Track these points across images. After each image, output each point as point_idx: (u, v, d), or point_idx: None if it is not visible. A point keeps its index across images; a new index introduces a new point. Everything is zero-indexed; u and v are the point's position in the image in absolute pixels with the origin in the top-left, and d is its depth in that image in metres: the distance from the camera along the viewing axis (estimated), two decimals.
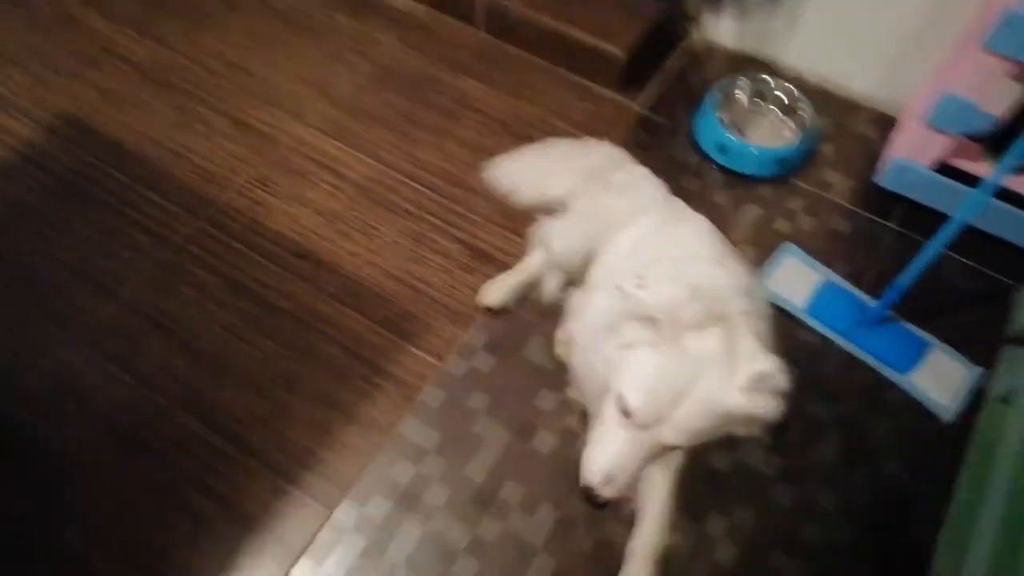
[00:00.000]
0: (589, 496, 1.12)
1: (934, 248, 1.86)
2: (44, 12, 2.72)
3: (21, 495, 1.78)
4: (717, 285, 1.24)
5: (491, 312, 2.06)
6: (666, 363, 1.05)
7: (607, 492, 1.09)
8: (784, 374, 1.07)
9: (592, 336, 1.29)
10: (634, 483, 1.11)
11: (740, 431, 1.11)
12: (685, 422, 1.05)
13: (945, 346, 2.05)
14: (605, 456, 1.10)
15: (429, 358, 2.01)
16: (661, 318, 1.05)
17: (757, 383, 1.03)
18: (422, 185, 2.33)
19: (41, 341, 2.00)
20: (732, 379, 1.03)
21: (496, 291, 2.06)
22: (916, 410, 1.97)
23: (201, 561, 1.71)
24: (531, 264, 2.09)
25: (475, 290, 2.10)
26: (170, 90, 2.53)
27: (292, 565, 1.72)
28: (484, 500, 1.79)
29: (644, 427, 1.07)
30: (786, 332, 2.10)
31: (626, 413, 1.07)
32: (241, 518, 1.77)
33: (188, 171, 2.33)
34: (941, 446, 1.92)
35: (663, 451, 1.11)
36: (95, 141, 2.39)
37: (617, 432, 1.09)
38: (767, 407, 1.05)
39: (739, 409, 1.04)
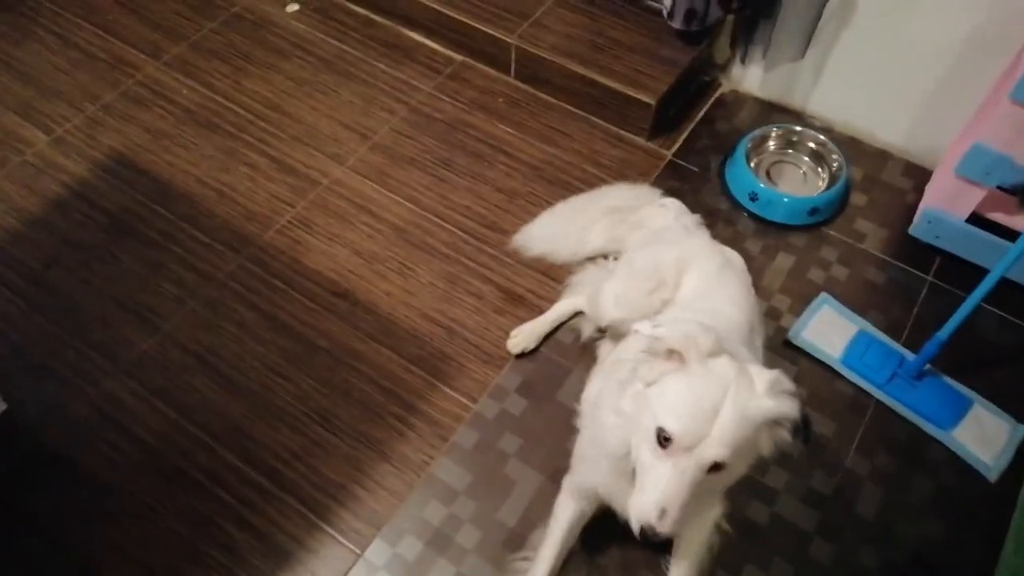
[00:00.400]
0: (646, 536, 1.14)
1: (972, 301, 1.86)
2: (97, 55, 2.84)
3: (57, 519, 1.81)
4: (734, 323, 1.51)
5: (520, 357, 2.09)
6: (695, 384, 1.15)
7: (663, 528, 1.12)
8: (788, 378, 1.21)
9: (604, 395, 1.40)
10: (685, 516, 1.14)
11: (769, 443, 1.19)
12: (723, 435, 1.12)
13: (987, 402, 2.03)
14: (656, 491, 1.13)
15: (462, 399, 2.03)
16: (683, 348, 1.17)
17: (774, 386, 1.16)
18: (457, 228, 2.37)
19: (87, 371, 2.05)
20: (753, 389, 1.15)
21: (523, 339, 2.10)
22: (958, 468, 1.94)
23: None
24: (560, 310, 2.12)
25: (507, 333, 2.13)
26: (216, 132, 2.61)
27: None
28: (516, 544, 1.78)
29: (687, 449, 1.13)
30: (823, 383, 2.09)
31: (666, 441, 1.14)
32: (274, 552, 1.78)
33: (231, 210, 2.40)
34: (985, 506, 1.89)
35: (708, 478, 1.15)
36: (143, 180, 2.47)
37: (661, 465, 1.15)
38: (790, 406, 1.16)
39: (767, 412, 1.15)
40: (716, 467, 1.15)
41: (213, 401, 2.00)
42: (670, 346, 1.19)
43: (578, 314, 2.13)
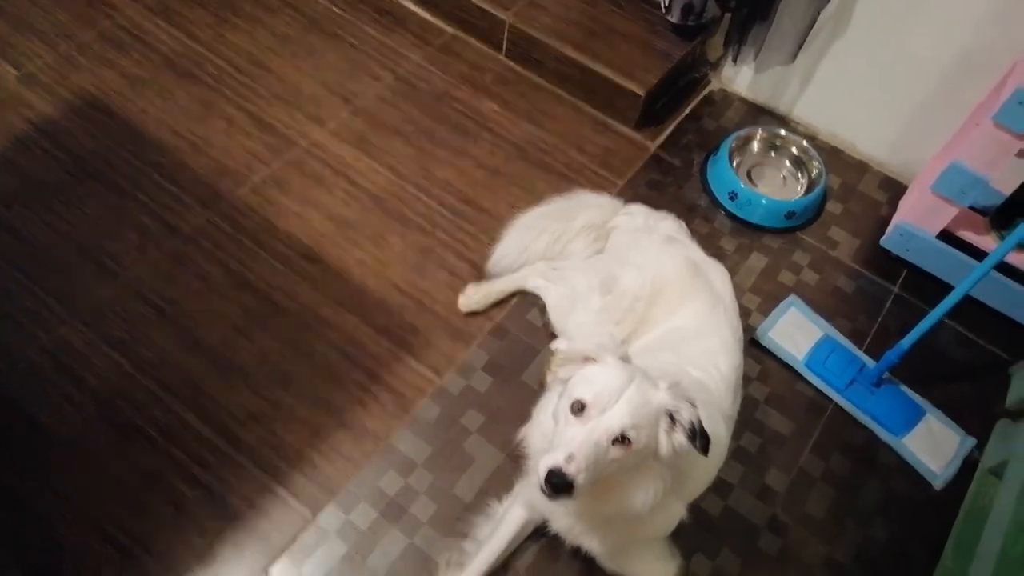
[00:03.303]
0: (552, 481, 1.23)
1: (936, 315, 1.89)
2: None
3: (2, 467, 1.76)
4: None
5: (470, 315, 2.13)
6: (606, 370, 1.34)
7: (570, 468, 1.22)
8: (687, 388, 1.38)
9: (543, 403, 1.52)
10: (593, 476, 1.25)
11: (668, 444, 1.33)
12: (627, 408, 1.27)
13: (940, 413, 2.07)
14: (566, 445, 1.25)
15: (428, 372, 2.01)
16: (596, 354, 1.37)
17: (674, 387, 1.33)
18: (435, 201, 2.35)
19: (42, 317, 1.99)
20: (656, 384, 1.33)
21: (476, 299, 2.11)
22: (907, 474, 1.99)
23: (181, 550, 1.69)
24: (517, 283, 2.13)
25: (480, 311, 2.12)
26: (194, 82, 2.55)
27: (271, 563, 1.70)
28: (470, 520, 1.78)
29: (595, 416, 1.27)
30: (785, 383, 2.11)
31: (579, 411, 1.28)
32: (225, 512, 1.75)
33: (204, 164, 2.34)
34: (930, 512, 1.94)
35: (616, 454, 1.27)
36: (114, 124, 2.40)
37: (572, 426, 1.28)
38: (686, 406, 1.31)
39: (665, 403, 1.31)
40: (622, 441, 1.27)
41: (171, 356, 1.96)
42: (585, 354, 1.38)
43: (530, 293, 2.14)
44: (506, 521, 1.72)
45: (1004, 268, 2.15)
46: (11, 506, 1.72)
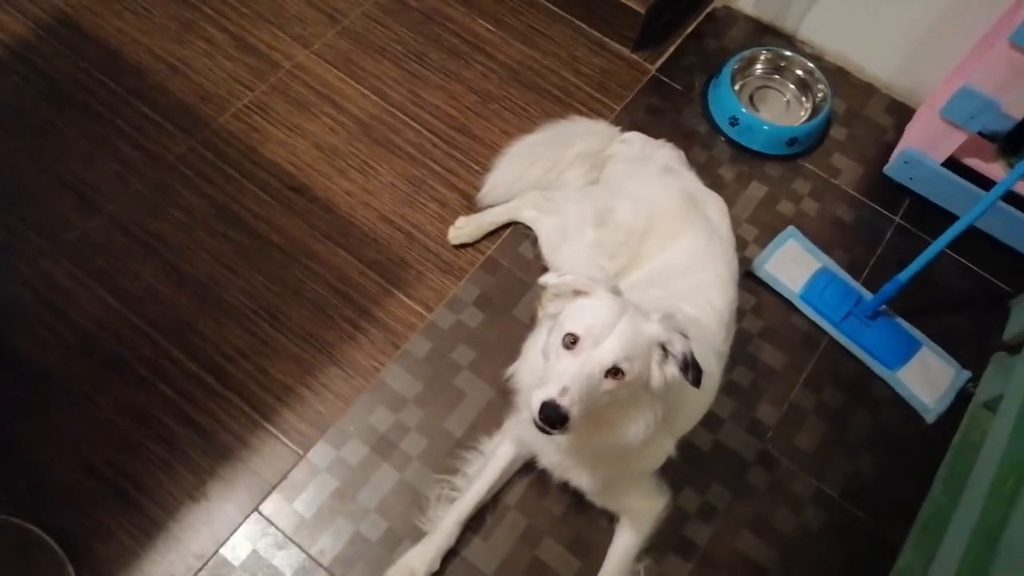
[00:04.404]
0: (546, 413, 1.21)
1: (937, 247, 1.85)
2: None
3: None
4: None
5: (460, 247, 2.09)
6: (597, 303, 1.31)
7: (564, 400, 1.21)
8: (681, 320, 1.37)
9: (533, 339, 1.49)
10: (586, 409, 1.24)
11: (660, 376, 1.31)
12: (619, 340, 1.25)
13: (935, 346, 2.06)
14: (559, 378, 1.23)
15: (418, 307, 1.98)
16: (587, 287, 1.34)
17: (666, 319, 1.31)
18: (425, 128, 2.26)
19: (22, 250, 1.94)
20: (648, 317, 1.31)
21: (467, 231, 2.07)
22: (900, 407, 1.99)
23: (171, 486, 1.70)
24: (509, 213, 2.08)
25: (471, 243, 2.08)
26: (173, 0, 2.41)
27: (263, 500, 1.71)
28: (461, 455, 1.78)
29: (587, 348, 1.25)
30: (780, 316, 2.09)
31: (571, 344, 1.26)
32: (215, 449, 1.75)
33: (185, 88, 2.25)
34: (920, 446, 1.95)
35: (609, 386, 1.26)
36: (89, 46, 2.29)
37: (565, 360, 1.26)
38: (678, 338, 1.29)
39: (657, 334, 1.29)
40: (615, 373, 1.25)
41: (157, 291, 1.93)
42: (575, 287, 1.35)
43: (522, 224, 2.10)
44: (496, 456, 1.73)
45: (1010, 198, 2.09)
46: None
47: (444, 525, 1.67)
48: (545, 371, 1.31)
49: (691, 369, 1.29)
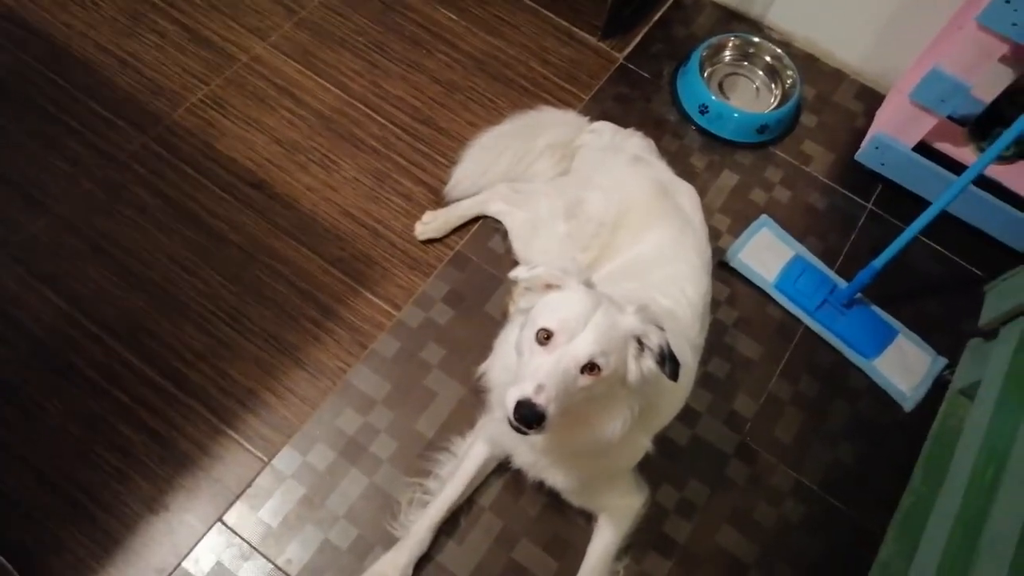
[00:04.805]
0: (521, 412, 1.16)
1: (910, 233, 1.83)
2: None
3: None
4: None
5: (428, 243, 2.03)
6: (570, 296, 1.28)
7: (540, 399, 1.16)
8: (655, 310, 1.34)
9: (505, 335, 1.46)
10: (562, 406, 1.19)
11: (636, 370, 1.28)
12: (594, 335, 1.21)
13: (911, 333, 2.04)
14: (534, 375, 1.19)
15: (385, 305, 1.92)
16: (559, 280, 1.30)
17: (642, 310, 1.27)
18: (388, 121, 2.20)
19: None
20: (623, 309, 1.27)
21: (435, 226, 2.01)
22: (877, 396, 1.97)
23: (129, 498, 1.63)
24: (478, 208, 2.03)
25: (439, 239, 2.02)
26: None
27: (227, 509, 1.64)
28: (432, 458, 1.72)
29: (561, 343, 1.21)
30: (754, 306, 2.06)
31: (545, 340, 1.22)
32: (174, 457, 1.68)
33: (136, 83, 2.16)
34: (899, 434, 1.93)
35: (585, 383, 1.21)
36: (35, 41, 2.18)
37: (539, 357, 1.22)
38: (654, 330, 1.26)
39: (633, 327, 1.26)
40: (591, 369, 1.21)
41: (110, 293, 1.84)
42: (547, 281, 1.31)
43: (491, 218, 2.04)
44: (469, 457, 1.67)
45: (982, 182, 2.08)
46: None
47: (417, 530, 1.61)
48: (519, 368, 1.26)
49: (668, 362, 1.25)
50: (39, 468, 1.63)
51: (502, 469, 1.71)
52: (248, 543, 1.61)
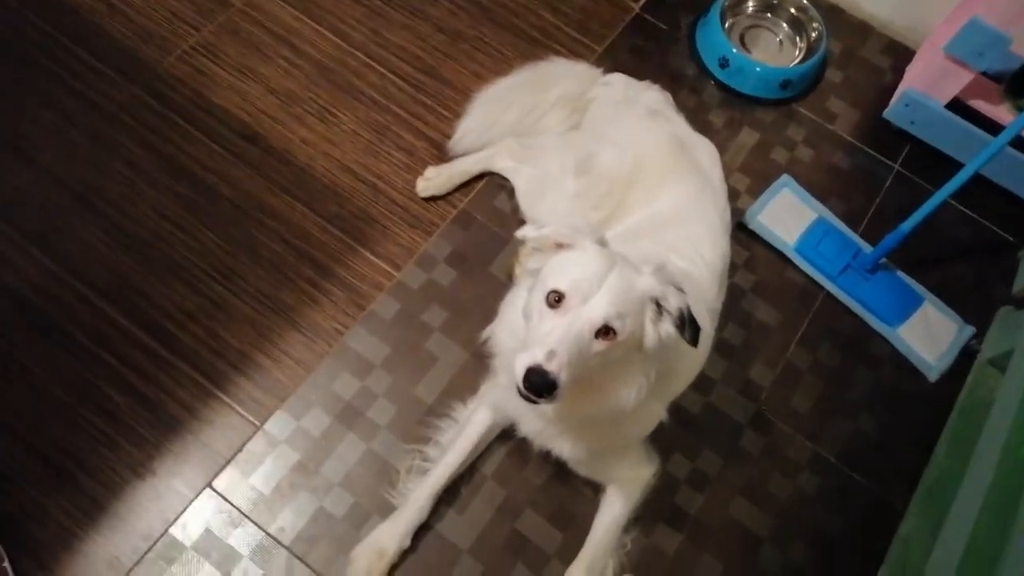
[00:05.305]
0: (531, 380, 1.09)
1: (941, 196, 1.73)
2: None
3: None
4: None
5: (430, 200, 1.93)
6: (583, 256, 1.20)
7: (552, 366, 1.09)
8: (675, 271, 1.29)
9: (511, 297, 1.37)
10: (575, 373, 1.11)
11: (654, 334, 1.20)
12: (609, 296, 1.14)
13: (938, 301, 1.94)
14: (545, 341, 1.11)
15: (384, 265, 1.83)
16: (570, 240, 1.22)
17: (660, 271, 1.20)
18: (389, 71, 2.09)
19: None
20: (639, 270, 1.20)
21: (437, 183, 1.92)
22: (900, 365, 1.88)
23: (115, 463, 1.56)
24: (482, 163, 1.93)
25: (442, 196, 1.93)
26: None
27: (216, 475, 1.57)
28: (432, 424, 1.65)
29: (574, 306, 1.13)
30: (774, 271, 1.96)
31: (556, 302, 1.14)
32: (162, 421, 1.61)
33: (124, 28, 2.05)
34: (922, 406, 1.84)
35: (600, 348, 1.14)
36: None
37: (550, 320, 1.14)
38: (673, 292, 1.18)
39: (650, 289, 1.18)
40: (606, 333, 1.14)
41: (98, 251, 1.76)
42: (557, 240, 1.23)
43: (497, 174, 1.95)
44: (471, 424, 1.60)
45: (1017, 143, 1.96)
46: None
47: (416, 498, 1.54)
48: (528, 333, 1.18)
49: (688, 326, 1.17)
50: (22, 433, 1.56)
51: (506, 436, 1.63)
52: (238, 509, 1.55)
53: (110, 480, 1.55)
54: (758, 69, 2.16)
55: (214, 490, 1.56)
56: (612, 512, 1.57)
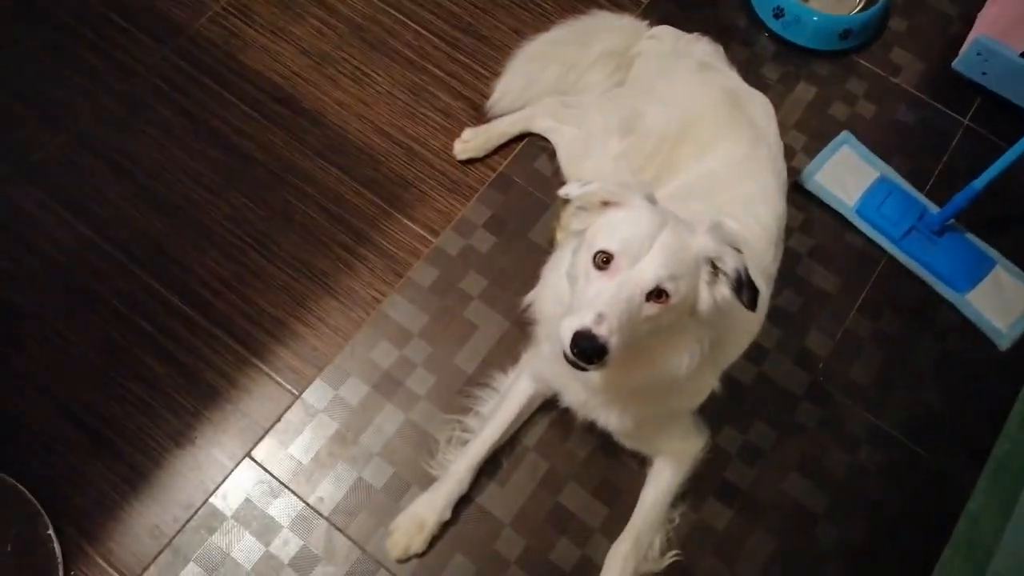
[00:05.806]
0: (580, 345, 1.03)
1: (1017, 150, 1.61)
2: None
3: None
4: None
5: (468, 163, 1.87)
6: (633, 214, 1.13)
7: (601, 330, 1.03)
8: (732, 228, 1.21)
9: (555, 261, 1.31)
10: (626, 338, 1.05)
11: (708, 298, 1.13)
12: (661, 256, 1.08)
13: (1010, 264, 1.83)
14: (593, 304, 1.06)
15: (422, 231, 1.77)
16: (618, 197, 1.15)
17: (715, 229, 1.13)
18: (425, 29, 2.01)
19: None
20: (693, 228, 1.13)
21: (475, 145, 1.85)
22: (969, 334, 1.77)
23: (154, 431, 1.54)
24: (522, 124, 1.86)
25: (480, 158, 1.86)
26: None
27: (255, 445, 1.55)
28: (472, 394, 1.60)
29: (624, 267, 1.08)
30: (832, 234, 1.85)
31: (604, 264, 1.09)
32: (200, 389, 1.58)
33: None
34: (992, 376, 1.73)
35: (651, 312, 1.08)
36: None
37: (598, 281, 1.09)
38: (730, 252, 1.11)
39: (705, 248, 1.12)
40: (658, 296, 1.08)
41: (131, 216, 1.73)
42: (604, 197, 1.16)
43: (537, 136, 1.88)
44: (512, 394, 1.54)
45: None
46: None
47: (456, 470, 1.50)
48: (573, 297, 1.12)
49: (746, 289, 1.09)
50: (60, 399, 1.56)
51: (548, 407, 1.58)
52: (278, 480, 1.52)
53: (150, 449, 1.53)
54: (815, 18, 2.03)
55: (253, 460, 1.54)
56: (659, 486, 1.50)
